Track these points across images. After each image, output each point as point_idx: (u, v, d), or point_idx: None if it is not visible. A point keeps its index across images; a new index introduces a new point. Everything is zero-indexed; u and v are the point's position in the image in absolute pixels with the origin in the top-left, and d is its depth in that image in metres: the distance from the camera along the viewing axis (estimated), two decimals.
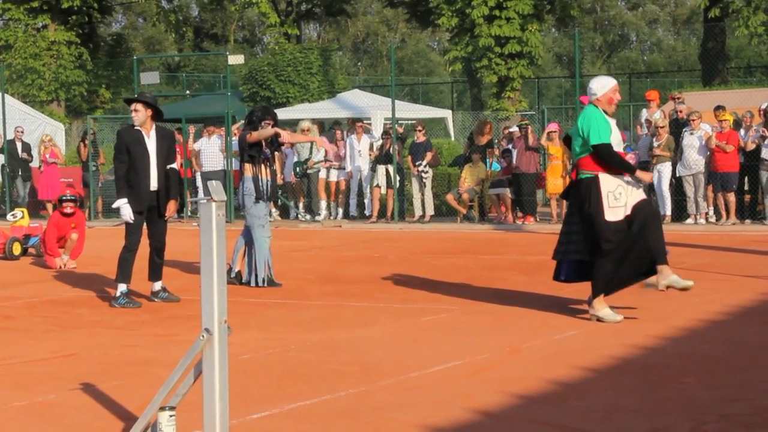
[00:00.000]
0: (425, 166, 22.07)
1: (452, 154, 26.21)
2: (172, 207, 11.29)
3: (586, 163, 9.56)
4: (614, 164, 9.55)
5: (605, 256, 9.44)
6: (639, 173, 9.77)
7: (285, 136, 12.76)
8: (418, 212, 22.30)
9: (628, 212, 9.43)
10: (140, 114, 11.18)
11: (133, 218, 11.12)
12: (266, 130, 12.27)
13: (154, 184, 11.19)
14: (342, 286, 12.54)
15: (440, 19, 29.75)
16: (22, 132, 26.90)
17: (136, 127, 11.23)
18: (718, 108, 20.28)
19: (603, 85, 9.70)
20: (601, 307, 9.54)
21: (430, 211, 22.27)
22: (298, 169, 23.06)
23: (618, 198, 9.44)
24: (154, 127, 11.29)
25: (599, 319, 9.47)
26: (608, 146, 9.48)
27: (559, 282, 10.15)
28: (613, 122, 9.70)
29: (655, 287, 9.59)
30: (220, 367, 5.44)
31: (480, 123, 23.69)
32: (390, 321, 9.88)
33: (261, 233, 12.34)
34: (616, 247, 9.41)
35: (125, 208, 11.14)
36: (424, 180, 22.19)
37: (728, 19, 29.98)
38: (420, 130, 22.49)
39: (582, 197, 9.55)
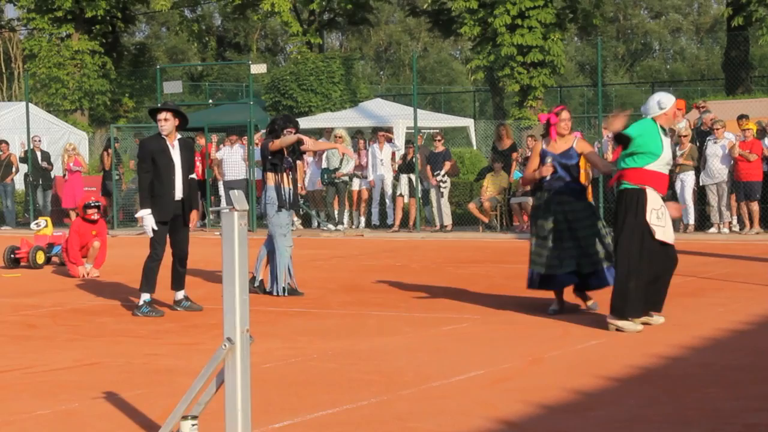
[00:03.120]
0: (443, 176, 22.04)
1: (474, 162, 26.19)
2: (194, 216, 11.38)
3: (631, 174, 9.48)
4: None
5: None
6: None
7: (308, 143, 12.78)
8: (439, 222, 22.27)
9: (666, 239, 9.47)
10: (169, 123, 11.21)
11: (156, 228, 11.16)
12: (289, 137, 12.28)
13: (179, 194, 11.23)
14: (364, 295, 12.54)
15: (462, 28, 29.71)
16: (40, 141, 27.04)
17: (162, 136, 11.25)
18: (742, 117, 20.20)
19: (668, 101, 9.61)
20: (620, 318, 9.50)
21: (447, 221, 22.22)
22: (326, 176, 23.10)
23: (660, 218, 9.44)
24: (177, 136, 11.35)
25: (618, 329, 9.43)
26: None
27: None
28: (667, 139, 9.65)
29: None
30: (242, 376, 5.46)
31: (497, 129, 23.66)
32: (412, 330, 9.87)
33: (282, 242, 12.35)
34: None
35: (148, 219, 11.17)
36: (442, 189, 22.16)
37: (751, 27, 29.82)
38: (438, 140, 22.50)
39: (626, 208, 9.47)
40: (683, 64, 70.88)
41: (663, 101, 9.54)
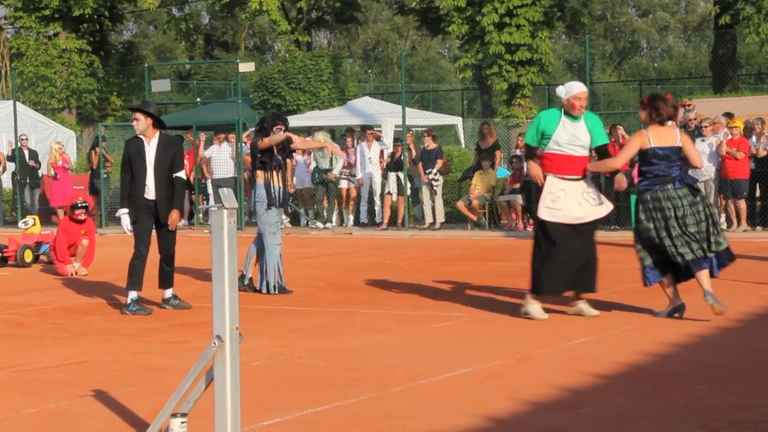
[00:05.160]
0: (436, 174, 22.07)
1: (462, 160, 26.20)
2: (173, 216, 11.24)
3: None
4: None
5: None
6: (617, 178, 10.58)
7: (297, 141, 12.78)
8: (428, 219, 22.30)
9: (566, 221, 10.13)
10: (140, 123, 11.24)
11: (130, 228, 11.19)
12: (278, 135, 12.28)
13: (150, 194, 11.19)
14: (352, 293, 12.55)
15: (450, 26, 29.74)
16: (27, 139, 27.00)
17: (139, 137, 11.27)
18: (726, 115, 20.26)
19: (568, 90, 10.36)
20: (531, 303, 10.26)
21: (440, 218, 22.27)
22: (316, 175, 23.11)
23: (555, 201, 10.14)
24: (157, 135, 11.29)
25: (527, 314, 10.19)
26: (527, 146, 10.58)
27: None
28: (574, 123, 10.30)
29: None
30: (231, 374, 5.46)
31: (480, 127, 23.69)
32: (400, 328, 9.88)
33: (271, 240, 12.35)
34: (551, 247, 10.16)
35: (125, 219, 11.24)
36: (434, 187, 22.19)
37: (739, 26, 29.88)
38: (430, 137, 22.52)
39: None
40: (671, 62, 71.02)
41: (559, 91, 10.39)
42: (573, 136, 10.22)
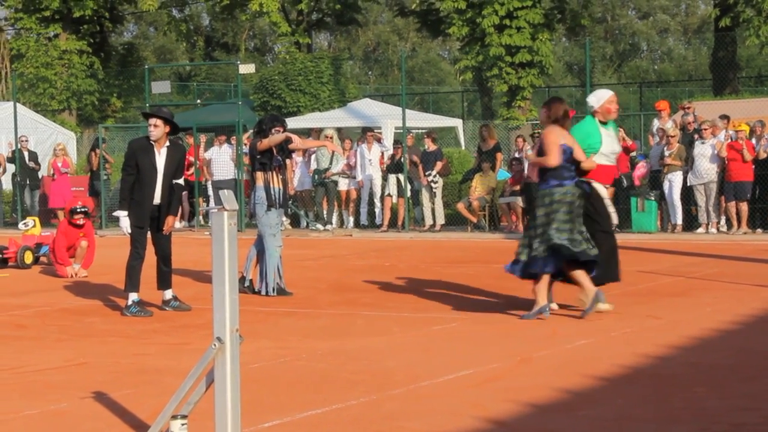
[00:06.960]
0: (435, 176, 22.07)
1: (462, 162, 26.21)
2: (170, 222, 11.27)
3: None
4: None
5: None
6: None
7: (296, 141, 12.77)
8: (428, 221, 22.31)
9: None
10: (159, 129, 11.13)
11: (130, 231, 11.16)
12: (277, 136, 12.27)
13: (157, 199, 11.19)
14: (353, 294, 12.55)
15: (451, 28, 29.72)
16: (27, 141, 27.01)
17: (150, 142, 11.20)
18: (722, 117, 20.27)
19: (600, 97, 10.60)
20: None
21: (440, 220, 22.27)
22: (316, 176, 23.12)
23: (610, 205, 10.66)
24: (167, 142, 11.27)
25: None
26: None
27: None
28: (607, 132, 10.54)
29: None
30: (231, 376, 5.46)
31: (480, 130, 23.69)
32: (400, 330, 9.89)
33: (272, 242, 12.35)
34: None
35: (124, 221, 11.18)
36: (434, 189, 22.19)
37: (739, 28, 29.90)
38: (431, 139, 22.52)
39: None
40: (671, 64, 71.02)
41: (590, 101, 10.62)
42: (611, 145, 10.61)
